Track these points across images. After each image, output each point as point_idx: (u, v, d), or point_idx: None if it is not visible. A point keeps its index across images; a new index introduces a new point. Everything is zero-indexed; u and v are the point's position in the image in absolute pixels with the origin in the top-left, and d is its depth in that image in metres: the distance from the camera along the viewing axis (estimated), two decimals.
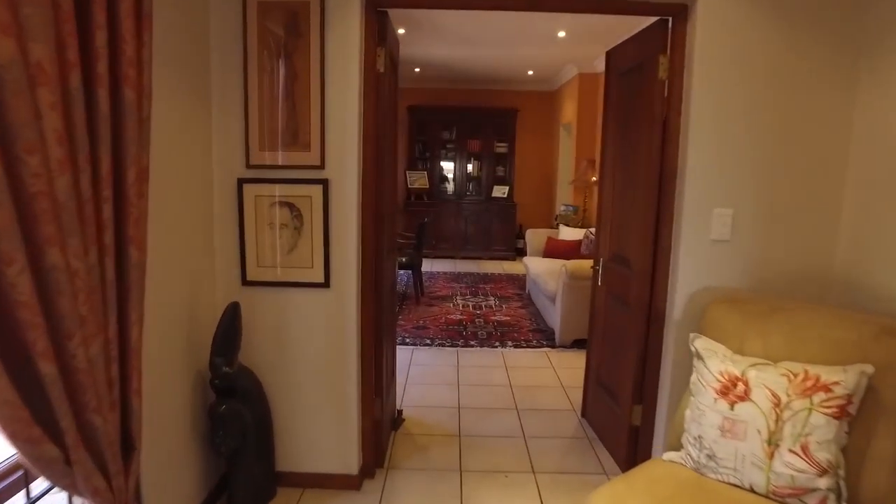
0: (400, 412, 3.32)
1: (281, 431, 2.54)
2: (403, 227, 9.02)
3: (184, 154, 2.13)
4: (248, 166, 2.36)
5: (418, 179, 9.08)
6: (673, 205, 2.42)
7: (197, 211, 2.26)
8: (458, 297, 6.40)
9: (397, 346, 4.63)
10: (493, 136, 9.09)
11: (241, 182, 2.36)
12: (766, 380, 1.72)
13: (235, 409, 2.22)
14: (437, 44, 6.50)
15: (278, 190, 2.37)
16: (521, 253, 9.08)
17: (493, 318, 5.59)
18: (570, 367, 4.29)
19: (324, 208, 2.36)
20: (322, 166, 2.34)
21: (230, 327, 2.16)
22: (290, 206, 2.38)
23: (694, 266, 2.37)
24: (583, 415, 3.43)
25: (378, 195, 2.53)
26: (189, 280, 2.18)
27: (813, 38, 2.22)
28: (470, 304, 6.14)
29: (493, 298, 6.39)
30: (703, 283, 2.37)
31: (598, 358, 3.21)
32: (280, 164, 2.35)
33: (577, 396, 3.66)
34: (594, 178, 6.92)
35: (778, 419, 1.66)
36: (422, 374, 4.10)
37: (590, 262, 4.69)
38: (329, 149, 2.34)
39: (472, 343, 4.81)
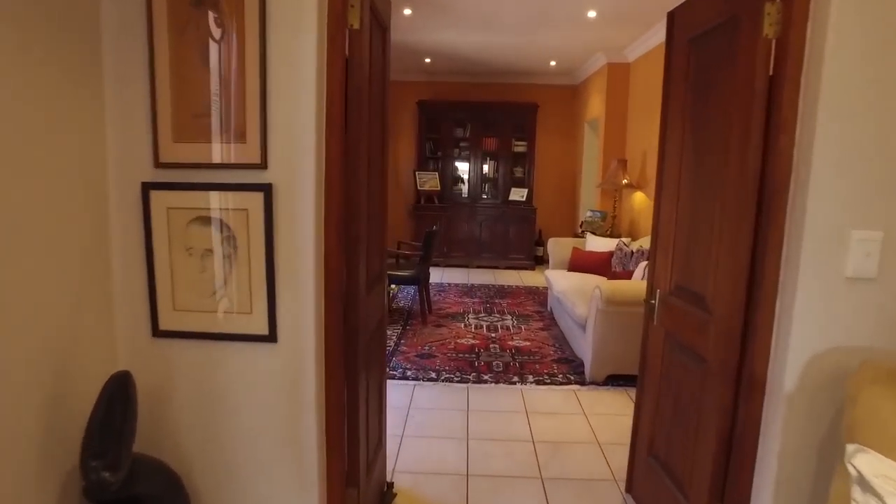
0: (390, 486, 2.56)
1: None
2: (411, 234, 8.29)
3: (48, 146, 1.40)
4: (158, 165, 1.62)
5: (429, 181, 8.33)
6: (783, 223, 1.63)
7: (78, 232, 1.52)
8: (470, 316, 5.63)
9: (396, 382, 3.90)
10: (510, 134, 8.30)
11: (147, 188, 1.62)
12: None
13: None
14: (448, 28, 5.73)
15: (201, 199, 1.62)
16: (541, 262, 8.32)
17: (510, 343, 4.81)
18: (604, 413, 3.50)
19: (266, 226, 1.61)
20: (263, 165, 1.60)
21: (112, 414, 1.41)
22: (219, 224, 1.63)
23: (818, 315, 1.57)
24: (627, 490, 2.63)
25: (351, 206, 1.78)
26: (56, 337, 1.45)
27: None
28: (484, 324, 5.36)
29: (510, 317, 5.61)
30: (834, 340, 1.57)
31: (652, 423, 2.42)
32: (203, 161, 1.61)
33: (617, 458, 2.88)
34: (625, 181, 6.11)
35: None
36: (423, 421, 3.34)
37: (630, 284, 3.89)
38: (274, 139, 1.59)
39: (486, 377, 4.03)
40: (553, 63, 7.42)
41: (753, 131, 1.68)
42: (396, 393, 3.71)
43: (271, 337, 1.66)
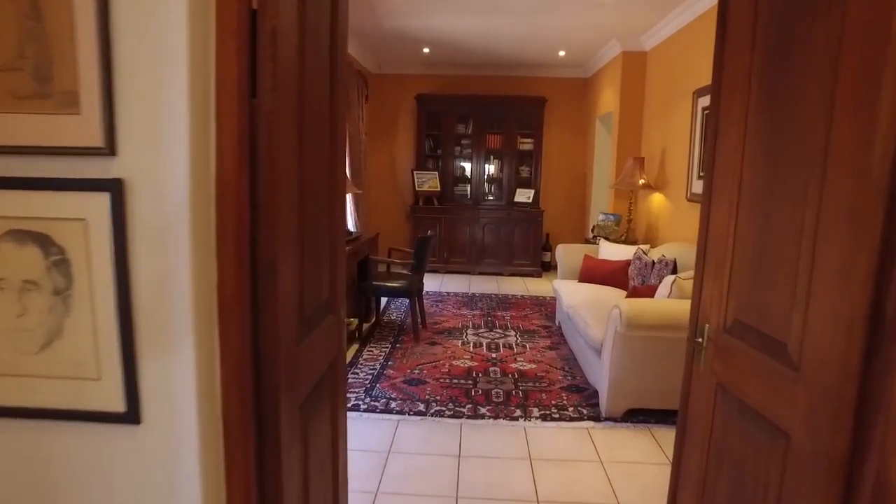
0: None
1: None
2: (409, 238, 7.71)
3: None
4: None
5: (429, 181, 7.73)
6: None
7: None
8: (469, 332, 5.02)
9: (378, 417, 3.28)
10: (516, 131, 7.70)
11: None
12: None
13: None
14: (446, 12, 5.14)
15: (13, 204, 1.04)
16: (548, 268, 7.72)
17: (513, 365, 4.20)
18: (625, 461, 2.88)
19: (117, 245, 1.03)
20: (109, 150, 1.01)
21: None
22: (44, 242, 1.04)
23: None
24: None
25: (265, 211, 1.19)
26: None
27: None
28: (484, 341, 4.76)
29: (513, 333, 5.01)
30: None
31: (698, 502, 1.81)
32: (12, 143, 1.02)
33: None
34: (642, 181, 5.50)
35: None
36: (404, 471, 2.74)
37: (655, 304, 3.18)
38: (126, 109, 1.00)
39: (484, 410, 3.43)
40: (562, 53, 6.81)
41: (884, 100, 1.08)
42: (376, 432, 3.12)
43: (130, 415, 1.07)
